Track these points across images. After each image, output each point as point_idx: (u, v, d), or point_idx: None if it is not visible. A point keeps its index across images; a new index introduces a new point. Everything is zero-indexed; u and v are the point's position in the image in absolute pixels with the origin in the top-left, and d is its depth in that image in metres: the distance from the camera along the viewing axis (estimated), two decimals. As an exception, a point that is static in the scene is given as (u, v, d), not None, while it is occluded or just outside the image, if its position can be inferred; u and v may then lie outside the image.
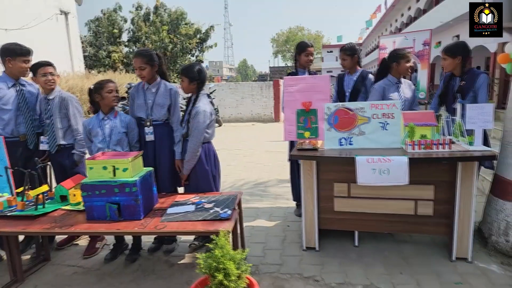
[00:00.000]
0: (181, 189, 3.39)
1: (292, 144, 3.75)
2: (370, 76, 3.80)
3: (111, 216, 2.56)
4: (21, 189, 2.95)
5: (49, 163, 3.30)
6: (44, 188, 2.88)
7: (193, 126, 3.03)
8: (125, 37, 17.77)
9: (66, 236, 3.55)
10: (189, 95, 3.22)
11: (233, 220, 2.53)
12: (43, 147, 3.41)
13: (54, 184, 3.25)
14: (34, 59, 3.39)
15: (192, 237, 3.42)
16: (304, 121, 3.18)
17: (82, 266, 3.17)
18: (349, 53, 3.76)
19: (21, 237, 3.48)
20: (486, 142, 3.16)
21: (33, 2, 11.88)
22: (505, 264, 2.85)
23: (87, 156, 3.04)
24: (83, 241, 3.60)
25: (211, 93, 13.14)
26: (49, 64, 3.30)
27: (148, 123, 3.16)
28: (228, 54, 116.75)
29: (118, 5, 17.38)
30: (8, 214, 2.69)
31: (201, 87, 3.15)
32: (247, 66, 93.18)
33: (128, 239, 3.39)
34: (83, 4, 15.48)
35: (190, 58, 18.15)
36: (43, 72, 3.25)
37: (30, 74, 3.35)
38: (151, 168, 2.82)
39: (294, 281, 2.79)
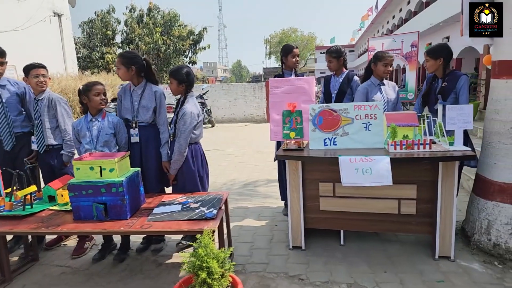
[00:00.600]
0: (169, 189, 3.42)
1: (279, 144, 3.80)
2: (356, 78, 3.86)
3: (97, 216, 2.59)
4: (9, 189, 2.97)
5: (37, 163, 3.32)
6: (32, 188, 2.90)
7: (180, 127, 3.07)
8: (118, 38, 17.79)
9: (55, 236, 3.57)
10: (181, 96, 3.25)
11: (218, 219, 2.58)
12: (33, 147, 3.46)
13: (43, 184, 3.27)
14: (27, 60, 3.43)
15: (180, 237, 3.45)
16: (289, 122, 3.23)
17: (71, 266, 3.19)
18: (335, 55, 3.82)
19: (9, 237, 3.49)
20: (467, 142, 3.23)
21: (26, 4, 11.86)
22: (487, 263, 2.91)
23: (76, 156, 3.07)
24: (72, 242, 3.62)
25: (204, 94, 13.18)
26: (41, 66, 3.33)
27: (133, 125, 3.19)
28: (223, 55, 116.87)
29: (112, 7, 17.38)
30: (-4, 214, 2.71)
31: (189, 89, 3.19)
32: (241, 67, 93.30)
33: (117, 239, 3.41)
34: (76, 6, 15.46)
35: (183, 59, 18.19)
36: (35, 74, 3.29)
37: (23, 75, 3.39)
38: (138, 169, 2.86)
39: (280, 280, 2.83)
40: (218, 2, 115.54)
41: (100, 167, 2.57)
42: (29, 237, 3.26)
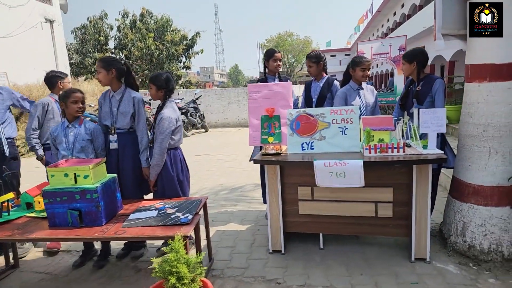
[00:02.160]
0: (151, 196, 3.43)
1: (261, 149, 3.82)
2: (336, 82, 3.90)
3: (72, 223, 2.60)
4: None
5: (15, 170, 3.33)
6: (9, 195, 2.91)
7: (157, 132, 3.09)
8: (111, 44, 17.81)
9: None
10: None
11: (193, 224, 2.59)
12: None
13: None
14: (20, 66, 3.50)
15: (161, 242, 3.46)
16: (268, 126, 3.25)
17: (50, 273, 3.20)
18: (314, 60, 3.85)
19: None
20: (444, 145, 3.27)
21: (18, 11, 11.87)
22: (462, 264, 2.93)
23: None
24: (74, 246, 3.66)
25: (197, 98, 13.20)
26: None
27: (112, 131, 3.21)
28: (219, 59, 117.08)
29: (104, 13, 17.42)
30: (-29, 222, 2.72)
31: (169, 95, 3.21)
32: (238, 71, 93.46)
33: (99, 245, 3.42)
34: (69, 12, 15.48)
35: (177, 64, 18.22)
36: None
37: (14, 81, 3.51)
38: (114, 175, 2.87)
39: (257, 284, 2.85)
40: (214, 7, 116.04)
41: (75, 173, 2.59)
42: (9, 243, 3.27)
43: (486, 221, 2.89)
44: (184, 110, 12.04)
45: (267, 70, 4.09)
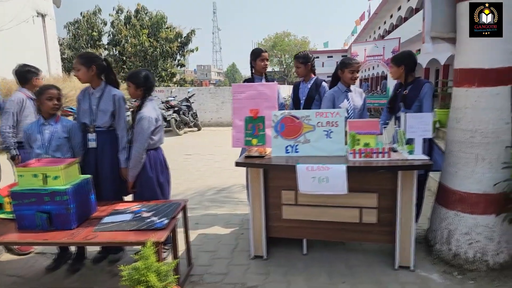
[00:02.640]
0: (130, 197, 3.32)
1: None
2: (324, 84, 3.80)
3: (41, 226, 2.49)
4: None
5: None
6: (-21, 196, 2.79)
7: (136, 132, 2.98)
8: (105, 40, 17.63)
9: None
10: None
11: (169, 230, 2.49)
12: None
13: None
14: (9, 60, 3.37)
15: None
16: (252, 128, 3.16)
17: (22, 276, 3.08)
18: (302, 61, 3.76)
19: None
20: (432, 150, 3.19)
21: (9, 4, 11.67)
22: (446, 273, 2.86)
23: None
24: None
25: (190, 97, 13.07)
26: None
27: (91, 129, 3.10)
28: (217, 58, 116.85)
29: (98, 8, 17.22)
30: None
31: (148, 93, 3.10)
32: (235, 70, 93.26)
33: (74, 248, 3.31)
34: (62, 6, 15.28)
35: (172, 62, 18.08)
36: None
37: (4, 75, 3.41)
38: (88, 176, 2.76)
39: (236, 291, 2.76)
40: (212, 6, 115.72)
41: (44, 174, 2.47)
42: None
43: (472, 229, 2.81)
44: (176, 108, 11.91)
45: (253, 70, 3.99)
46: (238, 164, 3.09)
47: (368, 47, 8.25)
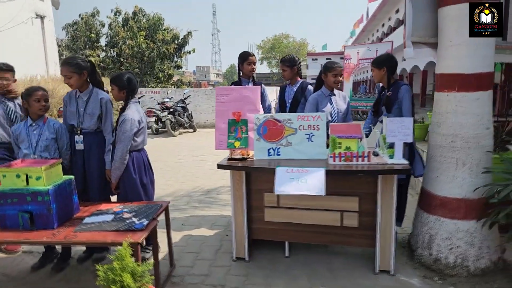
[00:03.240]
0: (114, 198, 3.35)
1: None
2: (310, 87, 3.83)
3: (23, 225, 2.51)
4: None
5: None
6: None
7: (119, 134, 3.00)
8: (103, 41, 17.68)
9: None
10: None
11: (148, 230, 2.51)
12: None
13: None
14: (7, 61, 3.38)
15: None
16: (234, 131, 3.18)
17: (7, 274, 3.11)
18: (288, 64, 3.79)
19: None
20: (413, 154, 3.21)
21: (8, 5, 11.72)
22: (427, 278, 2.87)
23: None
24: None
25: (185, 98, 13.10)
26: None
27: (78, 131, 3.12)
28: (216, 59, 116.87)
29: (96, 10, 17.29)
30: None
31: (131, 95, 3.13)
32: (234, 71, 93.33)
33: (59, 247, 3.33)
34: (61, 8, 15.34)
35: (169, 63, 18.13)
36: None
37: None
38: (71, 177, 2.79)
39: (215, 293, 2.78)
40: (212, 7, 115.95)
41: (27, 175, 2.50)
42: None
43: (452, 235, 2.83)
44: (171, 110, 11.94)
45: (241, 73, 4.03)
46: (220, 166, 3.11)
47: (361, 50, 8.29)
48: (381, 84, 3.44)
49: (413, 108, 3.14)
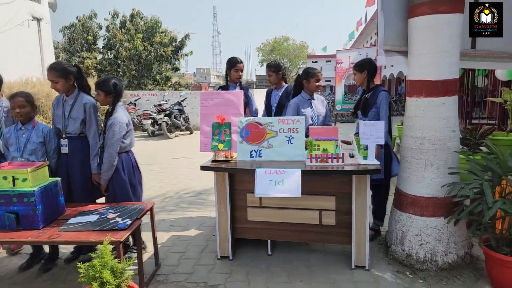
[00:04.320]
0: (102, 199, 3.46)
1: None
2: (294, 91, 3.95)
3: (9, 225, 2.63)
4: None
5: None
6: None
7: (108, 137, 3.11)
8: (100, 44, 17.79)
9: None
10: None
11: (130, 230, 2.62)
12: None
13: None
14: (3, 63, 3.47)
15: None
16: (218, 133, 3.30)
17: (-5, 274, 3.22)
18: (273, 69, 3.92)
19: None
20: (389, 155, 3.34)
21: (4, 8, 11.83)
22: (399, 273, 3.00)
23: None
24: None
25: (182, 101, 13.21)
26: None
27: (63, 135, 3.23)
28: (216, 61, 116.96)
29: (93, 12, 17.43)
30: None
31: (118, 100, 3.24)
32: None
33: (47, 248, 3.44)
34: (58, 11, 15.45)
35: (167, 65, 18.27)
36: None
37: None
38: (57, 179, 2.90)
39: (197, 290, 2.89)
40: (213, 9, 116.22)
41: (13, 176, 2.61)
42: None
43: (422, 231, 2.96)
44: (168, 112, 12.06)
45: (228, 78, 4.14)
46: (203, 168, 3.23)
47: (352, 55, 8.43)
48: (363, 87, 3.58)
49: (390, 113, 3.27)
